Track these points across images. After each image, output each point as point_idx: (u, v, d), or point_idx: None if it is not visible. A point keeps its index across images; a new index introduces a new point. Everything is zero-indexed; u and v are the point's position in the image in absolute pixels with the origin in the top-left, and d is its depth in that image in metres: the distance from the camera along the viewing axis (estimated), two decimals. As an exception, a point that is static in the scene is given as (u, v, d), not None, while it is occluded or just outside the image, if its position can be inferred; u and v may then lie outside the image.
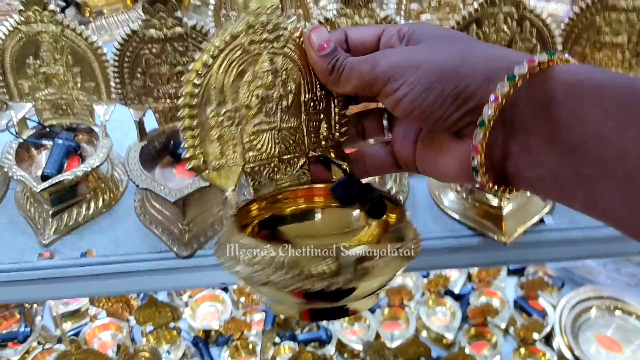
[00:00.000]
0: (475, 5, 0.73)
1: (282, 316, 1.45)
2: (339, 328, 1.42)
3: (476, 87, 0.41)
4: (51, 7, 0.73)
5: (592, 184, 0.38)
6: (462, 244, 0.76)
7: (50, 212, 0.77)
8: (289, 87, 0.52)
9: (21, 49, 0.76)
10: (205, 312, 1.50)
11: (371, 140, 0.58)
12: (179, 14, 0.70)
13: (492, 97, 0.40)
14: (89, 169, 0.76)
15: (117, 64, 0.74)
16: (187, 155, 0.50)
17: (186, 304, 1.50)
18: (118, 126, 0.81)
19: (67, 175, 0.74)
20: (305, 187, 0.54)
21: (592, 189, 0.38)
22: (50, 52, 0.76)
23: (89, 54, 0.76)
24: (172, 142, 0.81)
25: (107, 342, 1.44)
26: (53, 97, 0.81)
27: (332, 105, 0.53)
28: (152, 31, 0.71)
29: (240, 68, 0.50)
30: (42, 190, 0.73)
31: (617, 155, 0.36)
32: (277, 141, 0.53)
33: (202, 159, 0.50)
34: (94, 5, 1.15)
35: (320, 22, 0.71)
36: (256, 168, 0.53)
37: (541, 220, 0.78)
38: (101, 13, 1.17)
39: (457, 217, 0.78)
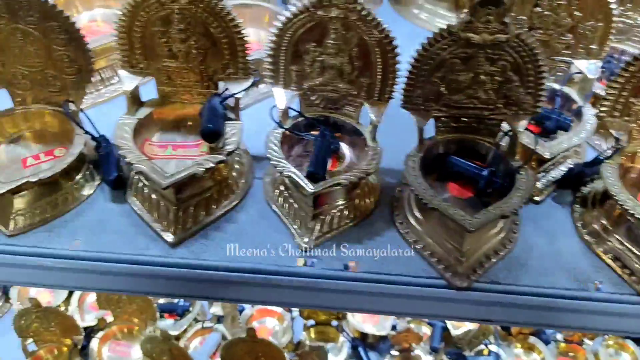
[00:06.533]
0: None
1: (452, 333, 1.36)
2: (512, 355, 1.33)
3: None
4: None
5: None
6: None
7: (311, 215, 0.71)
8: None
9: (304, 33, 0.70)
10: (365, 314, 1.43)
11: None
12: (507, 19, 0.62)
13: None
14: (364, 175, 0.69)
15: (417, 64, 0.66)
16: None
17: (346, 303, 1.43)
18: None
19: (342, 179, 0.68)
20: None
21: None
22: (337, 41, 0.69)
23: (375, 49, 0.69)
24: (448, 155, 0.73)
25: (264, 329, 1.41)
26: (322, 88, 0.74)
27: None
28: (471, 34, 0.63)
29: None
30: (314, 192, 0.67)
31: None
32: None
33: None
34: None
35: None
36: None
37: None
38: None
39: None
